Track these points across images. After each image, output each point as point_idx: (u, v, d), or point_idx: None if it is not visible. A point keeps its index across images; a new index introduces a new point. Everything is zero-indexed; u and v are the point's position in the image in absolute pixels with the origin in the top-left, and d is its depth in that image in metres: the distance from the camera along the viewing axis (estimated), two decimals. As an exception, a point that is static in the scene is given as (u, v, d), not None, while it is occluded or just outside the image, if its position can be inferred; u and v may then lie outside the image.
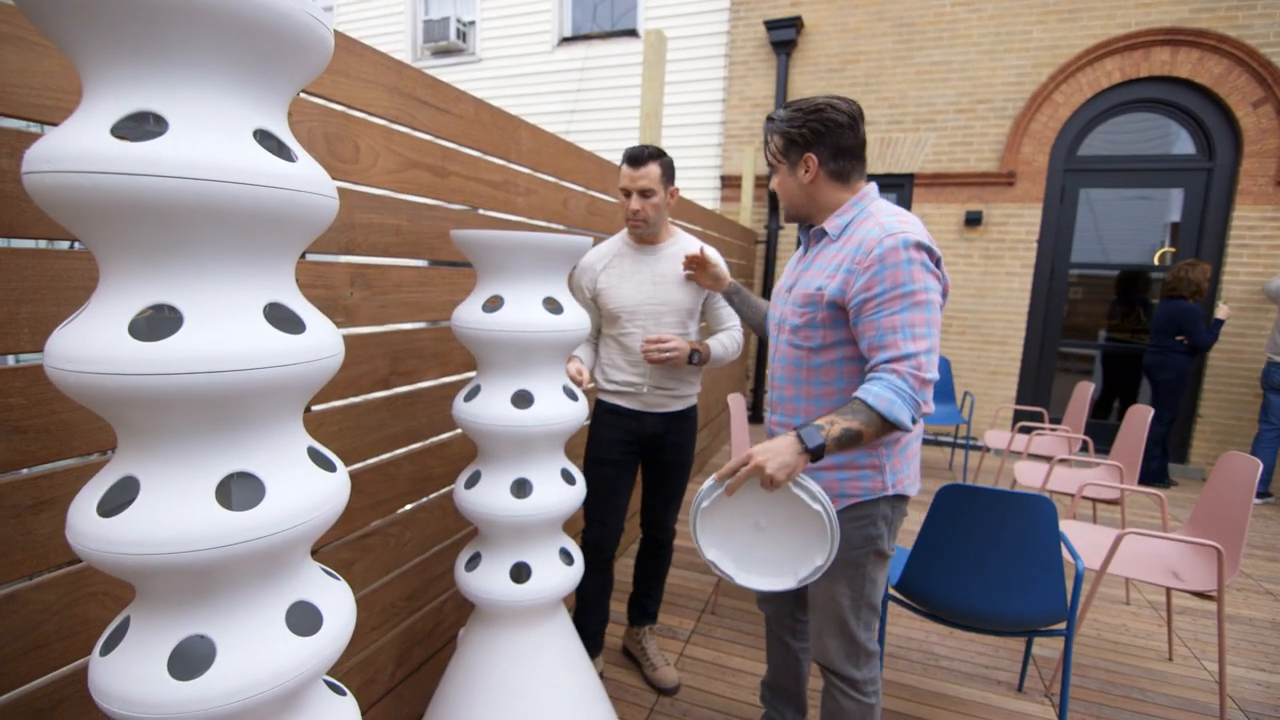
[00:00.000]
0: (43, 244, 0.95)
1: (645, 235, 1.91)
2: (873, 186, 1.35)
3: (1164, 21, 4.61)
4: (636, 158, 1.81)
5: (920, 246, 1.20)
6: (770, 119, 1.35)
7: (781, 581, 1.28)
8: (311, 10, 0.70)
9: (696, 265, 1.86)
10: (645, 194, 1.81)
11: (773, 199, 5.73)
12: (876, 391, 1.18)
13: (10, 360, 0.95)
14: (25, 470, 0.91)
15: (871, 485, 1.35)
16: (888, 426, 1.18)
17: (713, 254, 1.98)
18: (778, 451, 1.18)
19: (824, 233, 1.35)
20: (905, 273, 1.19)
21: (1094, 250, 5.11)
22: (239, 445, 0.73)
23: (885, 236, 1.21)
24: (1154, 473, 4.50)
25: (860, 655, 1.41)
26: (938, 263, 1.24)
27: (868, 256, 1.22)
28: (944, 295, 1.27)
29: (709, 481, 1.26)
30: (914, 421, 1.19)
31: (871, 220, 1.27)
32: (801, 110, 1.30)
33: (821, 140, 1.29)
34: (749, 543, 1.31)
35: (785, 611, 1.67)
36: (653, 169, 1.80)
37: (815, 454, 1.18)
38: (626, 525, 2.16)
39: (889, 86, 5.32)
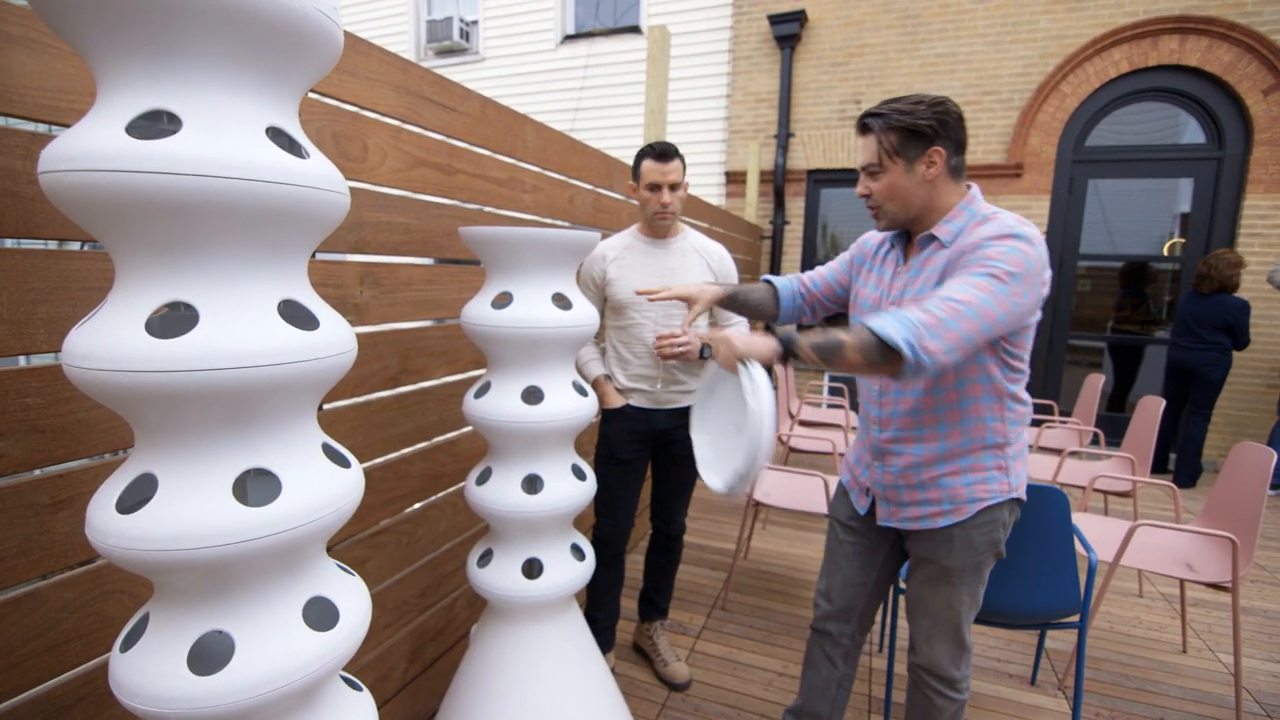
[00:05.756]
0: (53, 245, 0.95)
1: (662, 229, 1.93)
2: (977, 189, 1.31)
3: (1172, 9, 4.57)
4: (665, 153, 1.84)
5: (1032, 243, 1.16)
6: (877, 115, 1.27)
7: (713, 479, 1.32)
8: (321, 7, 0.71)
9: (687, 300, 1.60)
10: (674, 187, 1.86)
11: (778, 195, 5.71)
12: (883, 317, 1.15)
13: (23, 360, 0.96)
14: (43, 470, 0.92)
15: (999, 487, 1.32)
16: (881, 349, 1.13)
17: (718, 250, 1.99)
18: (754, 342, 1.26)
19: (933, 238, 1.29)
20: (1003, 252, 1.14)
21: (1103, 242, 5.07)
22: (254, 442, 0.73)
23: (1008, 228, 1.18)
24: (1192, 475, 4.29)
25: (964, 655, 1.41)
26: (1041, 278, 1.18)
27: (983, 238, 1.19)
28: (1033, 313, 1.22)
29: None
30: (912, 352, 1.10)
31: (992, 222, 1.21)
32: (922, 102, 1.24)
33: (948, 132, 1.23)
34: (728, 444, 1.36)
35: (846, 634, 1.55)
36: (678, 164, 1.86)
37: (785, 347, 1.22)
38: (636, 520, 2.16)
39: (894, 80, 5.29)
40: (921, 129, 1.23)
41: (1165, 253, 4.96)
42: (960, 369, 1.27)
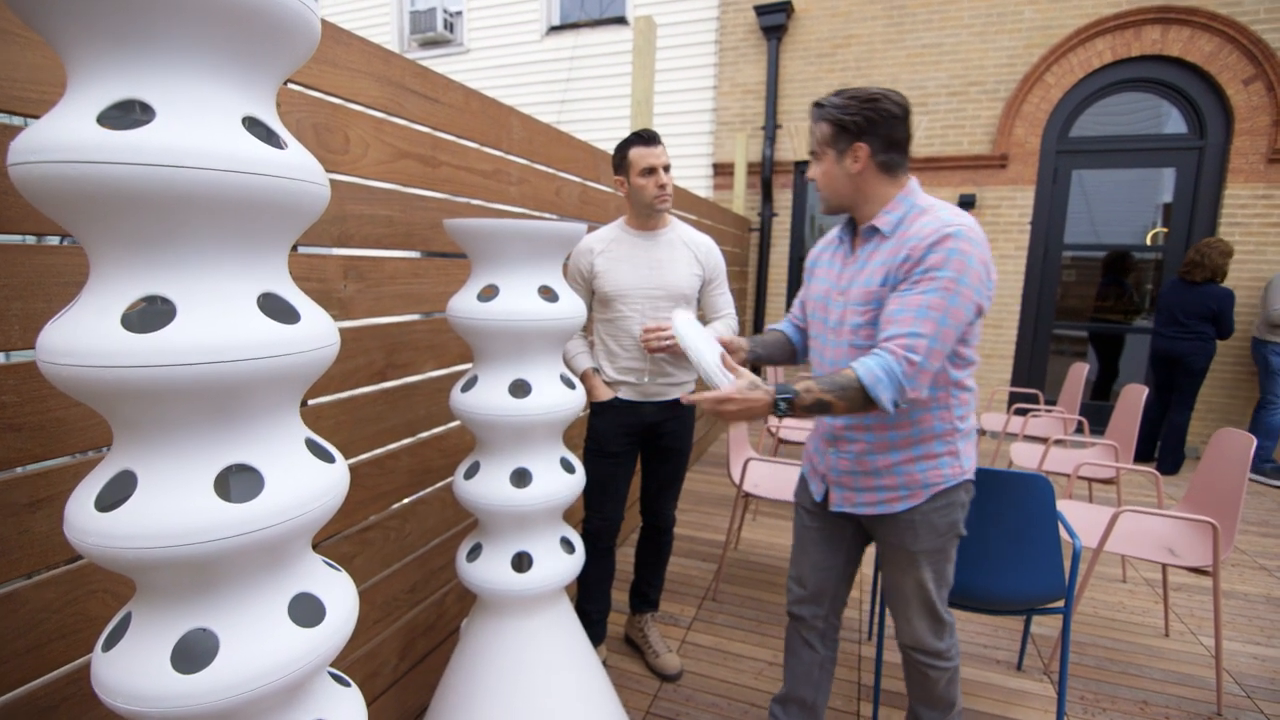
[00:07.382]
0: (30, 239, 0.93)
1: (659, 217, 1.93)
2: (915, 181, 1.36)
3: (1155, 0, 4.60)
4: (653, 137, 1.85)
5: (969, 239, 1.22)
6: (819, 105, 1.34)
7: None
8: (298, -6, 0.69)
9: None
10: (667, 168, 1.86)
11: (766, 187, 5.71)
12: (870, 365, 1.21)
13: (0, 357, 0.94)
14: (20, 469, 0.90)
15: (951, 471, 1.38)
16: (866, 403, 1.21)
17: (706, 242, 1.99)
18: (747, 413, 1.25)
19: (875, 230, 1.35)
20: (944, 258, 1.21)
21: (1086, 232, 5.12)
22: (236, 437, 0.73)
23: (943, 227, 1.23)
24: (1176, 463, 4.32)
25: (944, 629, 1.48)
26: (986, 267, 1.24)
27: (922, 243, 1.24)
28: (987, 301, 1.28)
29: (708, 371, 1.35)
30: (895, 406, 1.21)
31: (929, 215, 1.28)
32: (856, 98, 1.30)
33: (875, 129, 1.29)
34: None
35: (820, 616, 1.59)
36: (664, 147, 1.86)
37: (780, 414, 1.26)
38: (626, 513, 2.16)
39: (880, 70, 5.30)
40: (846, 124, 1.30)
41: (1148, 242, 5.01)
42: None
